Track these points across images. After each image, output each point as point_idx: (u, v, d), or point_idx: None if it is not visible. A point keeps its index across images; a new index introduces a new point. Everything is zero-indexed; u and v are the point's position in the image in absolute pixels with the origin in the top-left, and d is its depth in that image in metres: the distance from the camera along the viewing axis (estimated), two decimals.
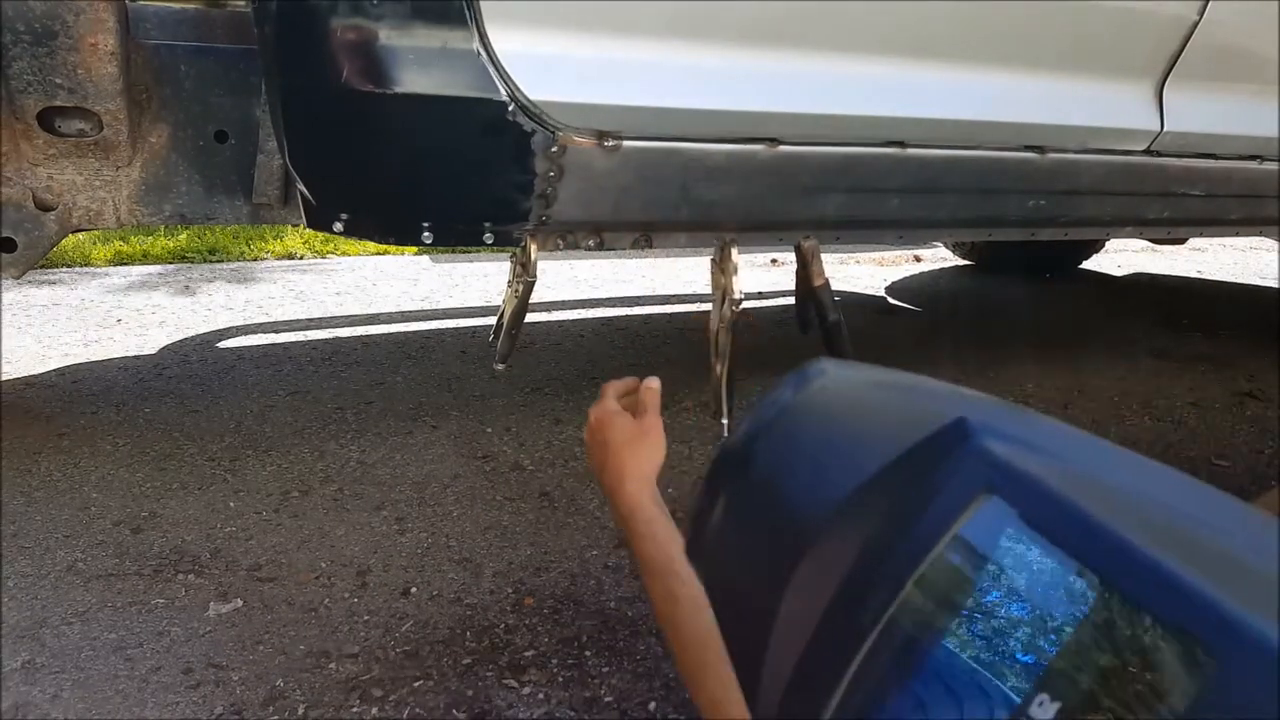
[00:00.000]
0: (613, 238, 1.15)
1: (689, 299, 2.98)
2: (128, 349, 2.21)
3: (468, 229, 1.05)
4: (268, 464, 1.58)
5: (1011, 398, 2.08)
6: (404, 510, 1.44)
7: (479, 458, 1.64)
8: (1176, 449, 1.83)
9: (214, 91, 1.12)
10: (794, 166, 1.13)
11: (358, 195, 1.01)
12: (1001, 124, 1.23)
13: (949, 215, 1.37)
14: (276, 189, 1.15)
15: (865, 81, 1.11)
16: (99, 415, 1.77)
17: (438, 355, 2.25)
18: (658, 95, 1.00)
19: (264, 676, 1.05)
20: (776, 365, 2.31)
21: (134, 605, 1.17)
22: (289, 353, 2.23)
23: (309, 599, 1.20)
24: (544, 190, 1.02)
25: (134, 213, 1.15)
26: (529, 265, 1.09)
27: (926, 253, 3.86)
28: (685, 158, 1.06)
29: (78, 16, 0.97)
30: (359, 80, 0.89)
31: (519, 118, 0.95)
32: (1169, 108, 1.35)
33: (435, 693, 1.03)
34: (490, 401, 1.93)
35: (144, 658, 1.07)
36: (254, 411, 1.82)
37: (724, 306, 1.15)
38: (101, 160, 1.10)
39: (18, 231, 1.10)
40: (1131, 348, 2.52)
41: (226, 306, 2.67)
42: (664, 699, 1.03)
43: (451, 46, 0.90)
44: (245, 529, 1.36)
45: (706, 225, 1.17)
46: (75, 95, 1.01)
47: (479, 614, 1.18)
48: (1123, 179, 1.40)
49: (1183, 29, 1.26)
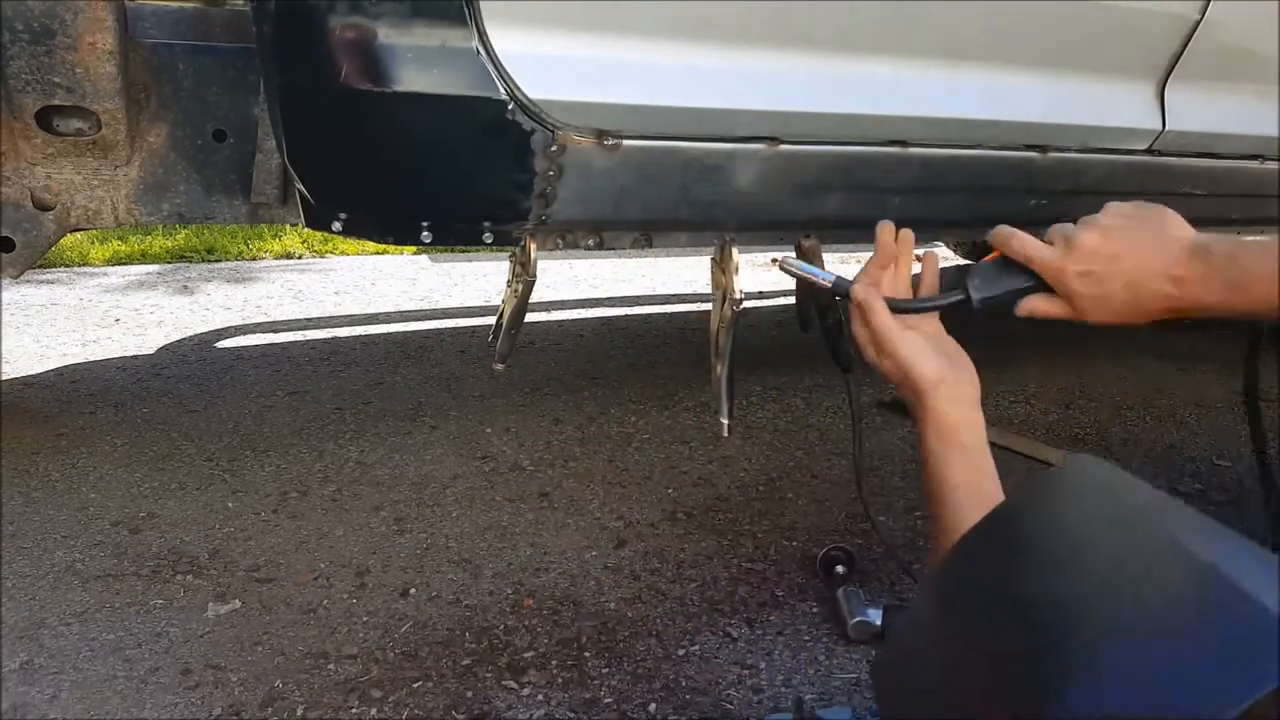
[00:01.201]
0: (612, 237, 1.15)
1: (689, 299, 2.97)
2: (126, 349, 2.21)
3: (467, 228, 1.05)
4: (266, 464, 1.58)
5: (1012, 397, 2.08)
6: (403, 511, 1.44)
7: (478, 458, 1.64)
8: (1178, 449, 1.83)
9: (212, 90, 1.12)
10: (794, 165, 1.12)
11: (356, 194, 1.00)
12: (1002, 123, 1.22)
13: (950, 214, 1.37)
14: (275, 188, 1.15)
15: (866, 80, 1.11)
16: (97, 415, 1.77)
17: (437, 355, 2.24)
18: (658, 94, 1.00)
19: (262, 677, 1.04)
20: (776, 365, 2.30)
21: (132, 606, 1.17)
22: (287, 353, 2.22)
23: (307, 600, 1.19)
24: (543, 189, 1.01)
25: (132, 212, 1.15)
26: (528, 265, 1.08)
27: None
28: (685, 157, 1.06)
29: (76, 15, 0.96)
30: (358, 79, 0.89)
31: (518, 117, 0.94)
32: (1170, 107, 1.35)
33: (434, 694, 1.03)
34: (490, 401, 1.92)
35: (142, 658, 1.07)
36: (252, 412, 1.82)
37: (724, 306, 1.14)
38: (100, 159, 1.10)
39: (16, 231, 1.09)
40: (1133, 348, 2.52)
41: (225, 306, 2.67)
42: (664, 700, 1.03)
43: (451, 45, 0.90)
44: (244, 529, 1.36)
45: (706, 225, 1.17)
46: (73, 94, 1.00)
47: (478, 615, 1.18)
48: (1124, 178, 1.40)
49: (1184, 28, 1.26)
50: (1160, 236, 0.78)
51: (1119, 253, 0.78)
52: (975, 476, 0.78)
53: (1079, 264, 0.80)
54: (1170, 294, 0.76)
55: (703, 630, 1.16)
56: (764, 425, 1.85)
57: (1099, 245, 0.79)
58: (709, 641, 1.14)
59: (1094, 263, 0.79)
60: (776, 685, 1.07)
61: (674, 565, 1.31)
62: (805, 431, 1.82)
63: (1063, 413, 2.01)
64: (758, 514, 1.47)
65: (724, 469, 1.63)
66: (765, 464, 1.66)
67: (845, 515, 1.47)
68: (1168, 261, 0.76)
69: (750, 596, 1.24)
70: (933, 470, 0.80)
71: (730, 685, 1.06)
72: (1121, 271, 0.78)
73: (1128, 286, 0.78)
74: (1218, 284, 0.74)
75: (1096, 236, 0.80)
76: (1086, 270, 0.79)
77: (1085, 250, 0.80)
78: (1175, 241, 0.77)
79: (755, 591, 1.25)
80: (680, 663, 1.10)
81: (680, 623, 1.17)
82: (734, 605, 1.22)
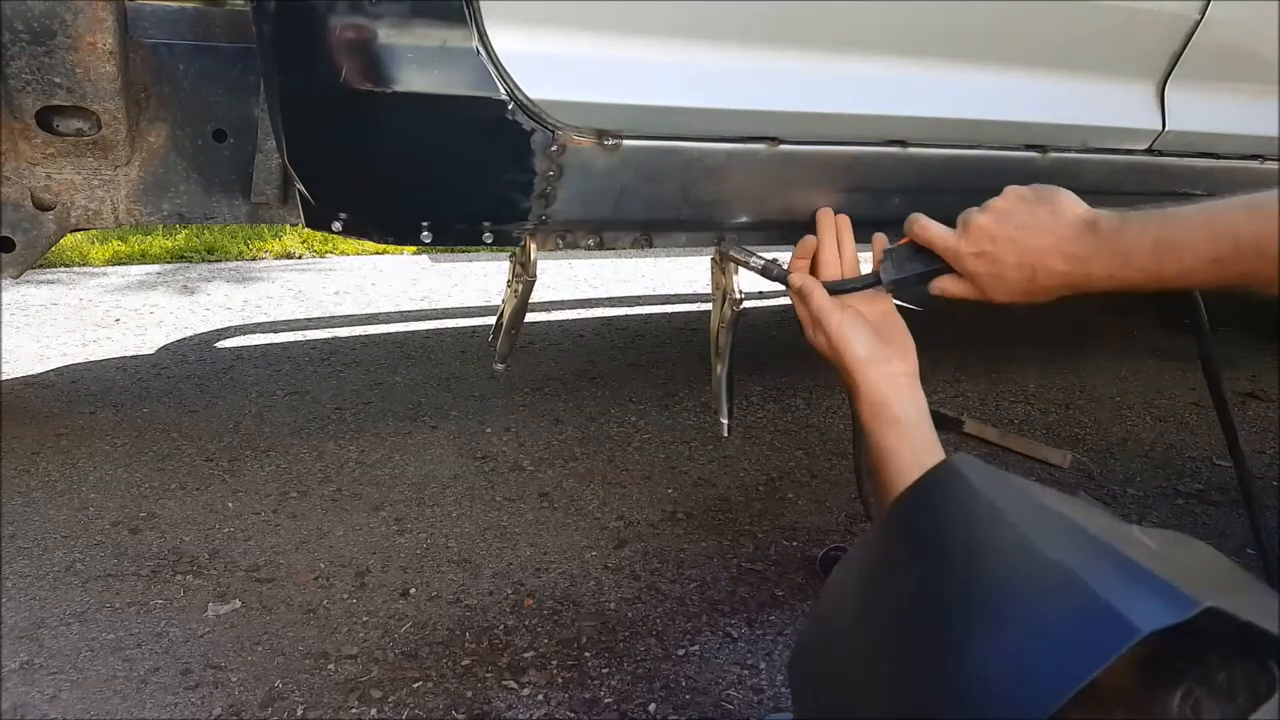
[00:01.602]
0: (612, 237, 1.15)
1: (689, 299, 2.98)
2: (126, 349, 2.21)
3: (467, 228, 1.05)
4: (266, 464, 1.58)
5: (1012, 397, 2.08)
6: (403, 511, 1.44)
7: (478, 458, 1.64)
8: (1178, 449, 1.83)
9: (213, 90, 1.12)
10: (794, 165, 1.12)
11: (356, 194, 1.00)
12: (1003, 123, 1.22)
13: (951, 214, 1.36)
14: (275, 188, 1.15)
15: (866, 80, 1.11)
16: (97, 415, 1.77)
17: (437, 355, 2.24)
18: (658, 94, 1.00)
19: (262, 677, 1.04)
20: (776, 365, 2.30)
21: (132, 606, 1.17)
22: (287, 352, 2.22)
23: (307, 600, 1.19)
24: (544, 189, 1.01)
25: (132, 212, 1.15)
26: (528, 265, 1.08)
27: None
28: (685, 157, 1.05)
29: (76, 15, 0.96)
30: (358, 79, 0.88)
31: (518, 117, 0.94)
32: (1170, 107, 1.35)
33: (434, 694, 1.02)
34: (489, 401, 1.92)
35: (142, 658, 1.07)
36: (252, 412, 1.82)
37: (724, 306, 1.14)
38: (100, 159, 1.10)
39: (16, 231, 1.09)
40: (1133, 348, 2.52)
41: (225, 306, 2.67)
42: (664, 700, 1.03)
43: (451, 45, 0.90)
44: (244, 529, 1.36)
45: (707, 225, 1.17)
46: (74, 94, 1.00)
47: (478, 615, 1.18)
48: (1124, 178, 1.39)
49: (1184, 28, 1.26)
50: (1053, 216, 0.79)
51: (1011, 234, 0.81)
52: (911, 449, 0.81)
53: (973, 246, 0.83)
54: (1064, 271, 0.78)
55: (703, 630, 1.16)
56: (764, 425, 1.85)
57: (991, 227, 0.82)
58: (709, 641, 1.14)
59: (987, 244, 0.82)
60: (777, 685, 1.07)
61: (674, 565, 1.31)
62: (805, 431, 1.82)
63: (1063, 413, 2.01)
64: (758, 514, 1.47)
65: (724, 469, 1.63)
66: (765, 464, 1.66)
67: (845, 515, 1.47)
68: (1059, 239, 0.78)
69: (750, 596, 1.24)
70: (871, 443, 0.83)
71: (730, 685, 1.06)
72: (1015, 251, 0.80)
73: (1021, 266, 0.80)
74: (1107, 258, 0.76)
75: (990, 219, 0.82)
76: (980, 251, 0.82)
77: (978, 232, 0.83)
78: (1067, 220, 0.79)
79: (755, 591, 1.25)
80: (680, 663, 1.10)
81: (680, 623, 1.17)
82: (734, 605, 1.22)
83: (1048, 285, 0.80)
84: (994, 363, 2.32)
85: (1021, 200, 0.82)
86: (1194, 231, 0.71)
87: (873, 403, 0.84)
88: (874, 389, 0.84)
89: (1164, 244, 0.72)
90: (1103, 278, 0.76)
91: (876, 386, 0.84)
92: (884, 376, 0.85)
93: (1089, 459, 1.75)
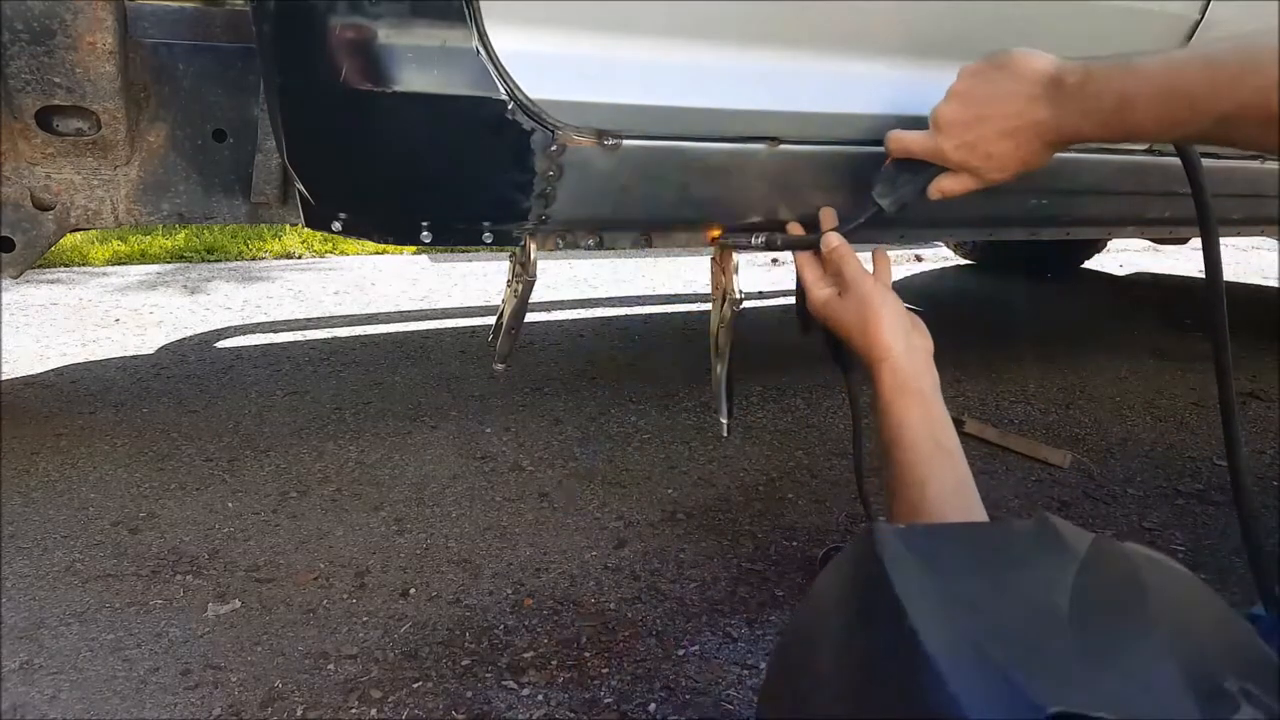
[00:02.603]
0: (612, 237, 1.15)
1: (689, 299, 2.98)
2: (126, 349, 2.21)
3: (467, 228, 1.05)
4: (266, 464, 1.58)
5: (1012, 397, 2.08)
6: (402, 511, 1.44)
7: (478, 458, 1.64)
8: (1178, 449, 1.82)
9: (212, 90, 1.12)
10: (795, 165, 1.12)
11: (356, 194, 1.00)
12: None
13: (950, 215, 1.36)
14: (275, 188, 1.15)
15: (867, 80, 1.11)
16: (97, 415, 1.77)
17: (436, 355, 2.24)
18: (658, 94, 1.00)
19: (262, 677, 1.04)
20: (776, 365, 2.30)
21: (132, 606, 1.17)
22: (287, 352, 2.22)
23: (307, 600, 1.19)
24: (543, 189, 1.01)
25: (132, 212, 1.15)
26: (528, 265, 1.08)
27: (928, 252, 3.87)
28: (685, 157, 1.05)
29: (76, 15, 0.96)
30: (358, 79, 0.88)
31: (518, 116, 0.94)
32: None
33: (434, 694, 1.02)
34: (489, 401, 1.92)
35: (142, 659, 1.07)
36: (252, 412, 1.82)
37: (724, 306, 1.14)
38: (100, 159, 1.10)
39: (16, 231, 1.09)
40: (1133, 347, 2.52)
41: (225, 306, 2.67)
42: (664, 700, 1.03)
43: (450, 45, 0.89)
44: (243, 529, 1.36)
45: (707, 225, 1.17)
46: (73, 94, 1.00)
47: (478, 615, 1.18)
48: (1125, 178, 1.40)
49: (1184, 28, 1.26)
50: (1014, 79, 0.78)
51: (981, 113, 0.80)
52: (930, 422, 0.81)
53: (951, 139, 0.82)
54: (1044, 131, 0.77)
55: (703, 630, 1.16)
56: (764, 425, 1.85)
57: (960, 113, 0.81)
58: (709, 641, 1.14)
59: (963, 132, 0.81)
60: None
61: (674, 565, 1.31)
62: (805, 431, 1.82)
63: (1063, 413, 2.01)
64: (758, 514, 1.47)
65: (724, 469, 1.63)
66: (765, 464, 1.66)
67: (845, 515, 1.47)
68: (1027, 103, 0.77)
69: (750, 596, 1.24)
70: (891, 418, 0.82)
71: (731, 685, 1.06)
72: (991, 129, 0.79)
73: (1003, 137, 0.79)
74: (1075, 116, 0.75)
75: (955, 106, 0.81)
76: (959, 142, 0.81)
77: (950, 124, 0.81)
78: (1029, 80, 0.77)
79: (755, 591, 1.25)
80: (680, 663, 1.10)
81: (680, 623, 1.17)
82: (734, 605, 1.22)
83: (1037, 147, 0.78)
84: (994, 363, 2.32)
85: (977, 76, 0.81)
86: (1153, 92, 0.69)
87: (900, 375, 0.82)
88: (902, 361, 0.83)
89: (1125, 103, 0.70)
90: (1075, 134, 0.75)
91: (906, 358, 0.83)
92: (911, 349, 0.84)
93: (1089, 459, 1.75)
